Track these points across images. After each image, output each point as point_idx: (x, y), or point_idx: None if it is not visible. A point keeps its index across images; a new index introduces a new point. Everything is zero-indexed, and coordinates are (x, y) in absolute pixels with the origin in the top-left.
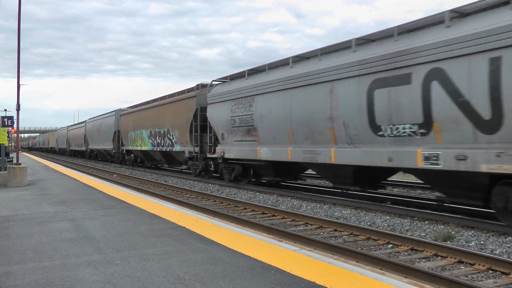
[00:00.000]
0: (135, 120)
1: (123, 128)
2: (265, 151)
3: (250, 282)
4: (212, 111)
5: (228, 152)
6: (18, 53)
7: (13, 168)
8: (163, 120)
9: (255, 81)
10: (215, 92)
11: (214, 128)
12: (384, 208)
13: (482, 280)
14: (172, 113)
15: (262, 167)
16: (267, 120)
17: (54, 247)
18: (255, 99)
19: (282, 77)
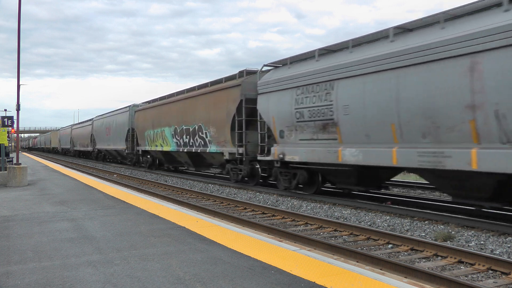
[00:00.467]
0: (154, 116)
1: (139, 126)
2: (352, 152)
3: (250, 282)
4: (264, 103)
5: (290, 153)
6: (18, 53)
7: (13, 168)
8: (192, 116)
9: (332, 62)
10: (269, 78)
11: (268, 123)
12: (384, 208)
13: (482, 280)
14: (206, 106)
15: (341, 173)
16: (356, 111)
17: (54, 247)
18: (336, 85)
19: (382, 54)
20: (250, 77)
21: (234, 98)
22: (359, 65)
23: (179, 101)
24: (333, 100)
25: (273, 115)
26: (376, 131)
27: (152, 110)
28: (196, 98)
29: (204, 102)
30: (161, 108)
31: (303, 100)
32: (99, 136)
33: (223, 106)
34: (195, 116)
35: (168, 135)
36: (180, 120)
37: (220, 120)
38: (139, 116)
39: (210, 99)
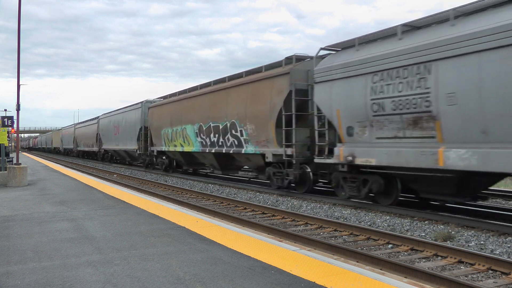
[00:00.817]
0: (173, 113)
1: (154, 124)
2: (461, 155)
3: (250, 282)
4: (325, 93)
5: (363, 155)
6: (18, 53)
7: (13, 168)
8: (223, 111)
9: (426, 38)
10: (332, 63)
11: (329, 118)
12: (384, 208)
13: (482, 280)
14: (241, 100)
15: (436, 181)
16: (467, 101)
17: (54, 247)
18: (434, 67)
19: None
20: (300, 64)
21: (281, 89)
22: (473, 39)
23: (206, 95)
24: (431, 87)
25: (338, 108)
26: (499, 127)
27: (171, 105)
28: (228, 91)
29: (239, 94)
30: (182, 103)
31: (383, 89)
32: (106, 136)
33: (265, 99)
34: (227, 112)
35: (191, 133)
36: (206, 116)
37: (261, 115)
38: (153, 113)
39: (247, 91)
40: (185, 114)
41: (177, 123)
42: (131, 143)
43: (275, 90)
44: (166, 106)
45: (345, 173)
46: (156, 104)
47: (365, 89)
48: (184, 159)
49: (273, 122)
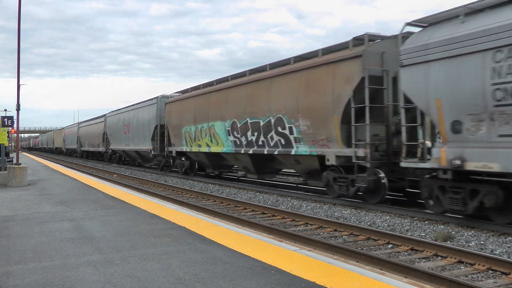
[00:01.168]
0: (197, 108)
1: (173, 121)
2: None
3: (250, 282)
4: (417, 79)
5: (479, 159)
6: (18, 53)
7: (13, 168)
8: (266, 104)
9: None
10: (428, 41)
11: (424, 110)
12: (384, 208)
13: (482, 280)
14: (291, 90)
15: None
16: None
17: (54, 247)
18: None
19: None
20: (373, 46)
21: (349, 75)
22: None
23: (240, 86)
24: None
25: (439, 97)
26: None
27: (194, 100)
28: (271, 81)
29: (288, 84)
30: (209, 97)
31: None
32: (114, 135)
33: (325, 89)
34: (270, 105)
35: (221, 131)
36: (242, 111)
37: (320, 109)
38: (172, 109)
39: (299, 80)
40: (213, 110)
41: (202, 119)
42: (145, 143)
43: (340, 78)
44: (188, 101)
45: (442, 181)
46: (175, 99)
47: (482, 71)
48: (209, 161)
49: (338, 117)
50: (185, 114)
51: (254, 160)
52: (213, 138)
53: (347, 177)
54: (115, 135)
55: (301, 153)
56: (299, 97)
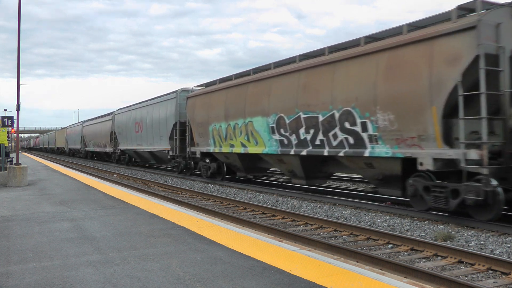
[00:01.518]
0: (229, 101)
1: (197, 118)
2: None
3: (250, 282)
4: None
5: None
6: (18, 53)
7: (13, 168)
8: (326, 94)
9: None
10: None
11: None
12: (384, 208)
13: (482, 280)
14: (364, 76)
15: None
16: None
17: (54, 247)
18: None
19: None
20: (489, 14)
21: (454, 54)
22: None
23: (289, 75)
24: None
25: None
26: None
27: (225, 93)
28: (334, 66)
29: (359, 70)
30: (245, 88)
31: None
32: (123, 134)
33: (417, 73)
34: (333, 96)
35: (261, 129)
36: (293, 104)
37: (410, 98)
38: (196, 104)
39: (376, 63)
40: (251, 103)
41: (236, 115)
42: (161, 143)
43: (440, 58)
44: (217, 94)
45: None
46: (200, 92)
47: None
48: (242, 163)
49: (438, 108)
50: (214, 109)
51: (305, 162)
52: (251, 137)
53: (445, 186)
54: (125, 134)
55: (378, 154)
56: (377, 85)
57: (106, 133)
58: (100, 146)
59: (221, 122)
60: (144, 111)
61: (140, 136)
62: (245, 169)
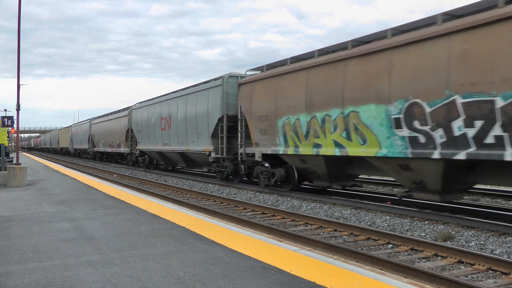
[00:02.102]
0: (314, 86)
1: (255, 110)
2: None
3: (250, 282)
4: None
5: None
6: (18, 53)
7: (13, 168)
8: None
9: None
10: None
11: None
12: (384, 208)
13: (482, 280)
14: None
15: None
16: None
17: (54, 247)
18: None
19: None
20: None
21: None
22: None
23: (429, 41)
24: None
25: None
26: None
27: (304, 75)
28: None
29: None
30: (342, 66)
31: None
32: (144, 132)
33: None
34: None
35: (376, 121)
36: (439, 83)
37: None
38: (254, 91)
39: None
40: (355, 86)
41: (326, 103)
42: (199, 142)
43: None
44: (292, 77)
45: None
46: (260, 76)
47: None
48: (329, 169)
49: None
50: (285, 97)
51: (449, 170)
52: (353, 133)
53: None
54: (146, 133)
55: None
56: None
57: (121, 131)
58: (113, 146)
59: (299, 114)
60: (173, 105)
61: (167, 134)
62: (329, 177)
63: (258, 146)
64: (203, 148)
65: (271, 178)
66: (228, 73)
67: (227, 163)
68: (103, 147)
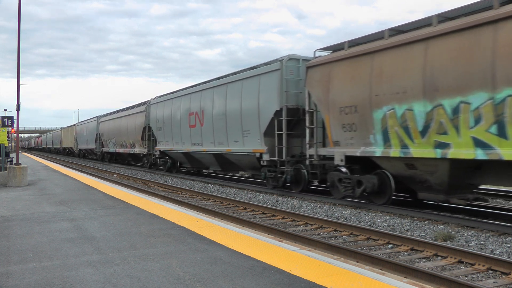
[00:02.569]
0: (437, 64)
1: (336, 98)
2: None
3: (250, 282)
4: None
5: None
6: (18, 53)
7: (13, 168)
8: None
9: None
10: None
11: None
12: (384, 208)
13: (482, 280)
14: None
15: None
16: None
17: (54, 247)
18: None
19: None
20: None
21: None
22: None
23: None
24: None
25: None
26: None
27: (420, 49)
28: None
29: None
30: (490, 33)
31: None
32: (166, 130)
33: None
34: None
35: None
36: None
37: None
38: (333, 74)
39: None
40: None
41: (463, 87)
42: (245, 142)
43: None
44: (395, 52)
45: None
46: (344, 55)
47: None
48: (451, 176)
49: None
50: (386, 80)
51: None
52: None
53: None
54: (169, 130)
55: None
56: None
57: (136, 129)
58: (125, 146)
59: (412, 103)
60: (207, 97)
61: (197, 132)
62: (448, 188)
63: (338, 146)
64: (251, 149)
65: (356, 187)
66: (287, 56)
67: (288, 168)
68: (113, 147)
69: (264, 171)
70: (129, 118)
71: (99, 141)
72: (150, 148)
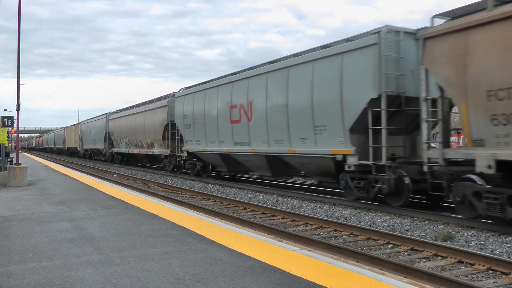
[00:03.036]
0: None
1: (473, 79)
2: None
3: (250, 282)
4: None
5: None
6: (18, 53)
7: (13, 168)
8: None
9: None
10: None
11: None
12: (384, 208)
13: (482, 280)
14: None
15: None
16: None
17: (54, 247)
18: None
19: None
20: None
21: None
22: None
23: None
24: None
25: None
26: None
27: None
28: None
29: None
30: None
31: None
32: (196, 127)
33: None
34: None
35: None
36: None
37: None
38: (472, 46)
39: None
40: None
41: None
42: (319, 141)
43: None
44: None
45: None
46: (487, 18)
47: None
48: None
49: None
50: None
51: None
52: None
53: None
54: (201, 128)
55: None
56: None
57: (156, 127)
58: (141, 146)
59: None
60: (255, 85)
61: (243, 129)
62: None
63: (482, 147)
64: (329, 150)
65: (507, 206)
66: (385, 26)
67: (389, 175)
68: (126, 148)
69: (345, 179)
70: (147, 114)
71: (109, 140)
72: (174, 148)
